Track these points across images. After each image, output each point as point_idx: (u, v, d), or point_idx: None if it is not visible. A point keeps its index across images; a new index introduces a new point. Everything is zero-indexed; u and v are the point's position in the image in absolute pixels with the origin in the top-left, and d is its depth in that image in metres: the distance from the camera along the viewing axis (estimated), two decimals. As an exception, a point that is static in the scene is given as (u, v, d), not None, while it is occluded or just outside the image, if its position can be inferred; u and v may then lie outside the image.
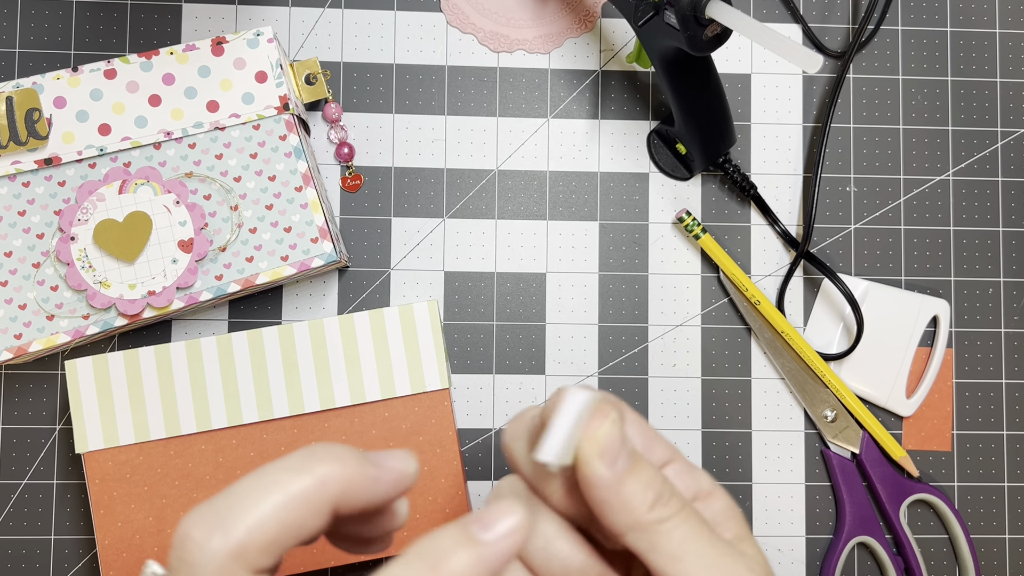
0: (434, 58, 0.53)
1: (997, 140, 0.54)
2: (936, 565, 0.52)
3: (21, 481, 0.50)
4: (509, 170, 0.53)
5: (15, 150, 0.46)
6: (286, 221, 0.47)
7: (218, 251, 0.47)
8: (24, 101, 0.46)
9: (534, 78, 0.53)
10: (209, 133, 0.47)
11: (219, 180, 0.47)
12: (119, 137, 0.47)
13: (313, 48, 0.53)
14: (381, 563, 0.50)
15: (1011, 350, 0.53)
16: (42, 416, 0.50)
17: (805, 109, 0.54)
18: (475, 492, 0.51)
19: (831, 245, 0.53)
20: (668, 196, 0.53)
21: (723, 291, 0.53)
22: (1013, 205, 0.54)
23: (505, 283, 0.52)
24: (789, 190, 0.54)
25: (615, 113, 0.53)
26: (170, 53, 0.47)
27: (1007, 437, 0.53)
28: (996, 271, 0.54)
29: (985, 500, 0.52)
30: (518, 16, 0.53)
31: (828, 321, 0.53)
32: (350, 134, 0.52)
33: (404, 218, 0.52)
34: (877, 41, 0.55)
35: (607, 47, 0.54)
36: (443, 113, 0.53)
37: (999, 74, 0.55)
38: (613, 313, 0.52)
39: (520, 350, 0.52)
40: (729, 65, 0.54)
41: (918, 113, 0.54)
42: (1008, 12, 0.55)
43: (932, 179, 0.54)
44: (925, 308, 0.53)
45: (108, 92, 0.47)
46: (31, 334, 0.46)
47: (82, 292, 0.46)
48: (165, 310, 0.46)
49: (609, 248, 0.53)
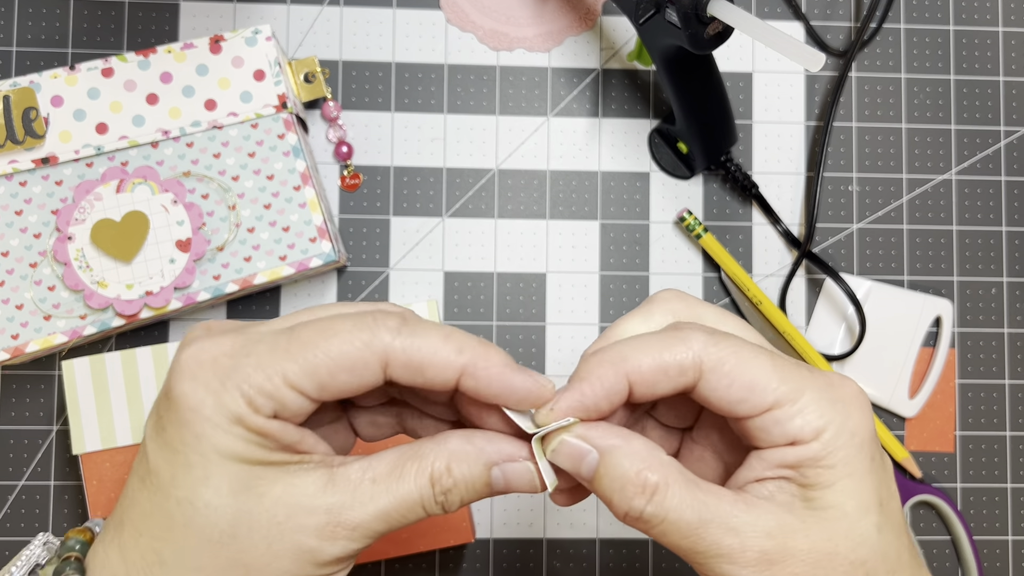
0: (433, 56, 0.53)
1: (1000, 139, 0.54)
2: (939, 567, 0.52)
3: (18, 482, 0.49)
4: (509, 169, 0.53)
5: (12, 149, 0.46)
6: (284, 220, 0.47)
7: (216, 251, 0.46)
8: (21, 100, 0.46)
9: (534, 76, 0.53)
10: (207, 132, 0.47)
11: (217, 179, 0.47)
12: (116, 136, 0.46)
13: (312, 46, 0.52)
14: (380, 565, 0.50)
15: (1014, 350, 0.53)
16: (39, 417, 0.50)
17: (807, 108, 0.54)
18: (475, 493, 0.51)
19: (833, 245, 0.53)
20: (669, 195, 0.53)
21: (725, 291, 0.53)
22: (1016, 204, 0.54)
23: (505, 283, 0.52)
24: (791, 189, 0.53)
25: (616, 112, 0.53)
26: (168, 51, 0.47)
27: (1010, 438, 0.53)
28: (999, 271, 0.54)
29: (988, 501, 0.52)
30: (518, 14, 0.53)
31: (830, 321, 0.53)
32: (349, 133, 0.52)
33: (403, 217, 0.52)
34: (879, 39, 0.54)
35: (608, 45, 0.53)
36: (442, 112, 0.53)
37: (1002, 72, 0.54)
38: (614, 313, 0.52)
39: (520, 350, 0.52)
40: (731, 63, 0.54)
41: (921, 112, 0.54)
42: (1011, 11, 0.55)
43: (935, 178, 0.54)
44: (928, 308, 0.52)
45: (105, 91, 0.46)
46: (28, 334, 0.46)
47: (79, 292, 0.46)
48: (163, 310, 0.46)
49: (610, 248, 0.52)
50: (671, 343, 0.27)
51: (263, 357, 0.25)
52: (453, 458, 0.27)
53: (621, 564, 0.51)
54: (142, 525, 0.26)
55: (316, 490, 0.26)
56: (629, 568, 0.51)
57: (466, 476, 0.27)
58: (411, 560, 0.50)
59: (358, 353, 0.25)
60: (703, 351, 0.27)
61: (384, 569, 0.50)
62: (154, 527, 0.26)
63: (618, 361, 0.27)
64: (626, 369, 0.27)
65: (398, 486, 0.26)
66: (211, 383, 0.25)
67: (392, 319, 0.26)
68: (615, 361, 0.27)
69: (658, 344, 0.27)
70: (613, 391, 0.27)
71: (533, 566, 0.50)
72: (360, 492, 0.26)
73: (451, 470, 0.27)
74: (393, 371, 0.26)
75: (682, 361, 0.27)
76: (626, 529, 0.51)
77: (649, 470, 0.26)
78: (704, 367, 0.27)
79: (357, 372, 0.26)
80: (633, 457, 0.27)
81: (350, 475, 0.26)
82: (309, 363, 0.25)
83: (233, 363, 0.25)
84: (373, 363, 0.26)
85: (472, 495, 0.27)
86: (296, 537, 0.25)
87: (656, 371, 0.27)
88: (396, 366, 0.26)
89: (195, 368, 0.25)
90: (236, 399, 0.25)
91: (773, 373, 0.26)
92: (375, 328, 0.26)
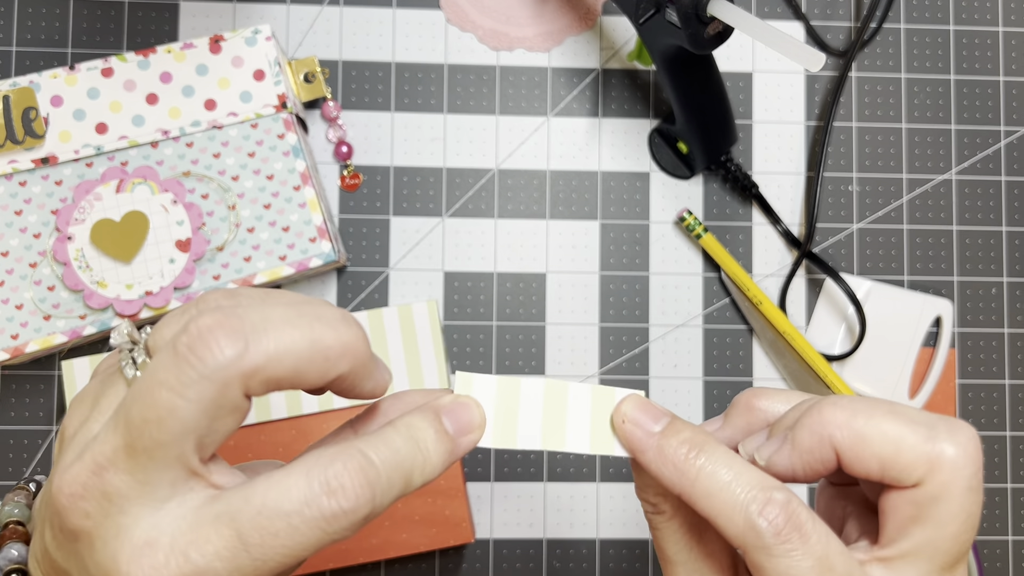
0: (433, 56, 0.53)
1: (1000, 139, 0.54)
2: (939, 567, 0.52)
3: (18, 482, 0.49)
4: (509, 169, 0.52)
5: (12, 149, 0.46)
6: (284, 220, 0.47)
7: (216, 251, 0.46)
8: (21, 100, 0.45)
9: (534, 76, 0.53)
10: (207, 132, 0.47)
11: (217, 179, 0.47)
12: (116, 136, 0.46)
13: (312, 46, 0.52)
14: (379, 565, 0.50)
15: (1014, 350, 0.53)
16: (39, 417, 0.50)
17: (807, 108, 0.54)
18: (475, 493, 0.51)
19: (833, 245, 0.53)
20: (669, 195, 0.53)
21: (725, 291, 0.53)
22: (1016, 204, 0.54)
23: (505, 283, 0.52)
24: (791, 189, 0.53)
25: (616, 112, 0.53)
26: (168, 51, 0.47)
27: (1010, 438, 0.53)
28: (999, 271, 0.53)
29: (988, 501, 0.52)
30: (518, 14, 0.53)
31: (830, 321, 0.53)
32: (349, 133, 0.52)
33: (403, 217, 0.52)
34: (880, 39, 0.54)
35: (608, 45, 0.53)
36: (442, 111, 0.52)
37: (1002, 72, 0.54)
38: (614, 313, 0.52)
39: (520, 350, 0.51)
40: (731, 63, 0.54)
41: (921, 112, 0.54)
42: (1011, 10, 0.55)
43: (935, 178, 0.54)
44: (928, 308, 0.52)
45: (105, 91, 0.46)
46: (28, 334, 0.46)
47: (79, 292, 0.46)
48: (163, 310, 0.46)
49: (610, 248, 0.52)
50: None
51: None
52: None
53: (621, 564, 0.51)
54: None
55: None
56: (629, 568, 0.51)
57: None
58: (411, 560, 0.50)
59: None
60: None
61: (384, 569, 0.50)
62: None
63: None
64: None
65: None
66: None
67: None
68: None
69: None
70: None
71: (533, 566, 0.50)
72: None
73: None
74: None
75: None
76: (626, 529, 0.51)
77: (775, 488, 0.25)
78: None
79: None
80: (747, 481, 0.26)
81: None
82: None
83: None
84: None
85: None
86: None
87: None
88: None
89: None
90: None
91: None
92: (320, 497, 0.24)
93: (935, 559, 0.25)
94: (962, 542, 0.25)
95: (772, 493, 0.24)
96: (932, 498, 0.24)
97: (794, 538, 0.24)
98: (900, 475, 0.25)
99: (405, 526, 0.47)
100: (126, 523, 0.23)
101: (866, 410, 0.25)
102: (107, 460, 0.23)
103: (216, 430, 0.23)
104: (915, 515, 0.25)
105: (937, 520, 0.24)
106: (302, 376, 0.24)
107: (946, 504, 0.24)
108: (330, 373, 0.24)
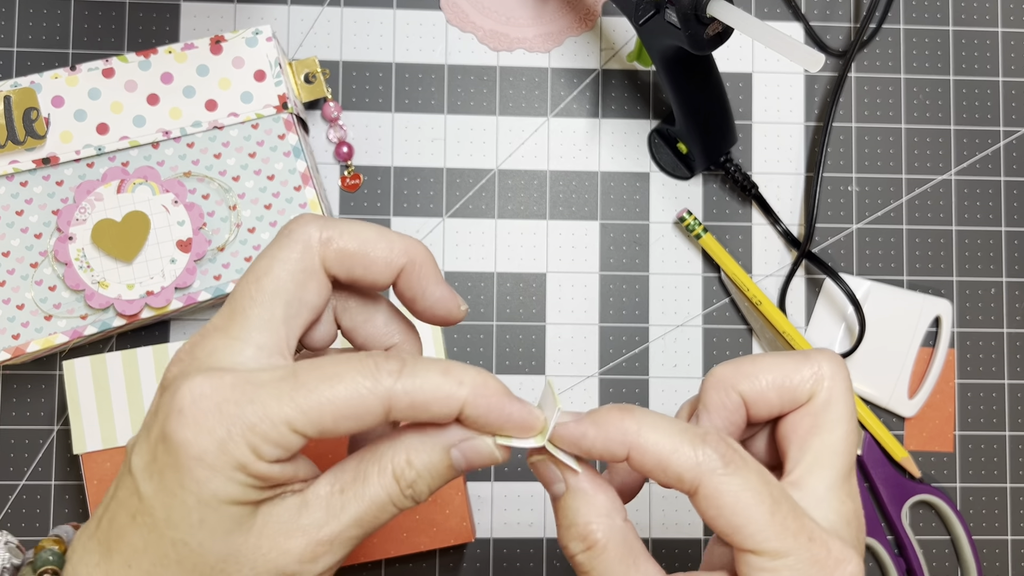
0: (434, 57, 0.53)
1: (999, 139, 0.54)
2: (938, 567, 0.52)
3: (19, 482, 0.50)
4: (509, 169, 0.53)
5: (13, 149, 0.46)
6: (285, 221, 0.47)
7: (217, 251, 0.46)
8: (22, 100, 0.46)
9: (534, 77, 0.53)
10: (208, 132, 0.47)
11: (218, 179, 0.47)
12: (117, 136, 0.46)
13: (312, 47, 0.52)
14: (380, 565, 0.50)
15: (1014, 350, 0.53)
16: (40, 417, 0.50)
17: (807, 108, 0.54)
18: (475, 493, 0.51)
19: (833, 245, 0.53)
20: (669, 196, 0.53)
21: (724, 291, 0.53)
22: (1015, 204, 0.54)
23: (505, 283, 0.52)
24: (791, 189, 0.53)
25: (616, 112, 0.53)
26: (168, 52, 0.47)
27: (1009, 438, 0.53)
28: (999, 271, 0.54)
29: (987, 501, 0.52)
30: (518, 14, 0.53)
31: (830, 321, 0.53)
32: (349, 133, 0.52)
33: (404, 218, 0.52)
34: (879, 40, 0.54)
35: (608, 46, 0.53)
36: (443, 112, 0.53)
37: (1001, 73, 0.55)
38: (614, 313, 0.52)
39: (520, 350, 0.52)
40: (730, 64, 0.54)
41: (920, 112, 0.54)
42: (1010, 11, 0.55)
43: (934, 178, 0.54)
44: (927, 308, 0.52)
45: (106, 91, 0.46)
46: (29, 334, 0.46)
47: (80, 292, 0.46)
48: (163, 310, 0.46)
49: (610, 248, 0.52)
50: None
51: (268, 405, 0.25)
52: (411, 450, 0.28)
53: (621, 564, 0.51)
54: (132, 559, 0.26)
55: (292, 515, 0.27)
56: (629, 568, 0.51)
57: (427, 463, 0.28)
58: (411, 560, 0.50)
59: (361, 400, 0.26)
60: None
61: (384, 569, 0.50)
62: (145, 562, 0.26)
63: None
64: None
65: (365, 490, 0.27)
66: (216, 431, 0.25)
67: (392, 363, 0.27)
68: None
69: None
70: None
71: (533, 566, 0.50)
72: (331, 505, 0.27)
73: (411, 462, 0.28)
74: (396, 413, 0.26)
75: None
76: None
77: (598, 526, 0.27)
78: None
79: (360, 418, 0.26)
80: (591, 508, 0.28)
81: (319, 492, 0.27)
82: (314, 411, 0.25)
83: (238, 411, 0.25)
84: (376, 408, 0.26)
85: (438, 480, 0.28)
86: (280, 562, 0.26)
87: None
88: (399, 408, 0.26)
89: (198, 415, 0.25)
90: (242, 448, 0.25)
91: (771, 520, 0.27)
92: (377, 373, 0.26)
93: (835, 465, 0.28)
94: (851, 442, 0.29)
95: (705, 430, 0.27)
96: (824, 403, 0.29)
97: (737, 459, 0.27)
98: (795, 395, 0.29)
99: (405, 525, 0.47)
100: (210, 362, 0.27)
101: (750, 360, 0.30)
102: (212, 326, 0.28)
103: (299, 299, 0.28)
104: (813, 424, 0.29)
105: (831, 423, 0.28)
106: (369, 254, 0.28)
107: (836, 406, 0.29)
108: (393, 258, 0.29)
